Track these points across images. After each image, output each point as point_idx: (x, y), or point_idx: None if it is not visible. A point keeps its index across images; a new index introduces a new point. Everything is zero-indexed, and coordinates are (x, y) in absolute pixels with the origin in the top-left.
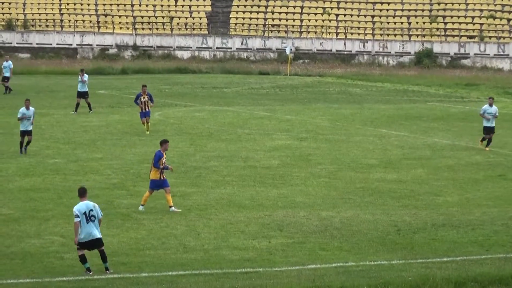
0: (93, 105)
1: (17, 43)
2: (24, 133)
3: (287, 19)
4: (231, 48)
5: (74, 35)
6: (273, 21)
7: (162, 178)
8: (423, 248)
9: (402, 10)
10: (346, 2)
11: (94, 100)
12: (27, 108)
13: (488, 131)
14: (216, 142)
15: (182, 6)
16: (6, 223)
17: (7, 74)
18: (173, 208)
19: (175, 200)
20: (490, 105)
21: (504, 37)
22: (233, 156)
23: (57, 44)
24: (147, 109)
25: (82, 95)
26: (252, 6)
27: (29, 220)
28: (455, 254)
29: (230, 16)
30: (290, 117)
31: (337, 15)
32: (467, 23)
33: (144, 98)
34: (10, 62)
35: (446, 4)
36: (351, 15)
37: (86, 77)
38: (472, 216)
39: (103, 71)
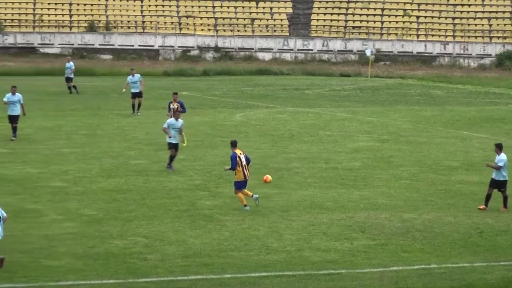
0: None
1: (99, 45)
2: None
3: (367, 21)
4: (312, 50)
5: (156, 37)
6: (353, 23)
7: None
8: (506, 250)
9: (483, 11)
10: (426, 4)
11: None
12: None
13: None
14: (298, 143)
15: (263, 7)
16: (89, 224)
17: (70, 75)
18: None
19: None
20: None
21: None
22: (315, 157)
23: (139, 45)
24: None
25: (138, 95)
26: (333, 8)
27: (112, 221)
28: None
29: (311, 17)
30: (371, 119)
31: (417, 17)
32: None
33: (174, 105)
34: (71, 63)
35: None
36: (432, 17)
37: (137, 77)
38: None
39: (185, 73)
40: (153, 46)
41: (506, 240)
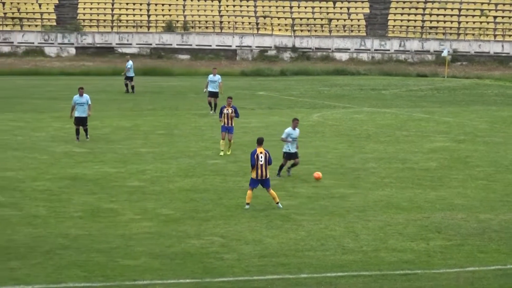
0: (253, 106)
1: (177, 45)
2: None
3: (444, 21)
4: (389, 50)
5: (234, 37)
6: (430, 23)
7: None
8: None
9: None
10: (504, 4)
11: (253, 101)
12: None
13: None
14: (375, 143)
15: (341, 8)
16: (167, 223)
17: (130, 74)
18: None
19: (334, 201)
20: None
21: None
22: (391, 158)
23: (217, 45)
24: (229, 124)
25: (215, 95)
26: (409, 8)
27: (189, 221)
28: None
29: (388, 18)
30: (448, 119)
31: (495, 17)
32: None
33: (227, 110)
34: (131, 62)
35: None
36: (509, 17)
37: (218, 77)
38: None
39: (262, 73)
40: (230, 46)
41: None
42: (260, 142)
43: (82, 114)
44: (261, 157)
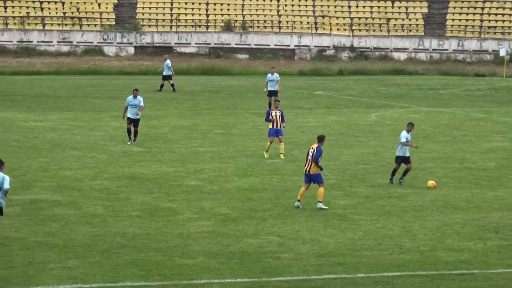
0: (311, 106)
1: (235, 44)
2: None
3: (503, 21)
4: (447, 50)
5: (292, 36)
6: (489, 22)
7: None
8: None
9: None
10: None
11: (311, 100)
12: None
13: None
14: (432, 143)
15: (399, 7)
16: (224, 222)
17: (167, 73)
18: (321, 204)
19: (391, 201)
20: None
21: None
22: (449, 157)
23: (275, 45)
24: (277, 126)
25: (274, 93)
26: (468, 8)
27: (246, 220)
28: None
29: (447, 17)
30: (506, 119)
31: None
32: None
33: (275, 112)
34: (168, 61)
35: None
36: None
37: (276, 76)
38: None
39: (321, 72)
40: (289, 45)
41: None
42: (319, 139)
43: (134, 115)
44: (311, 152)
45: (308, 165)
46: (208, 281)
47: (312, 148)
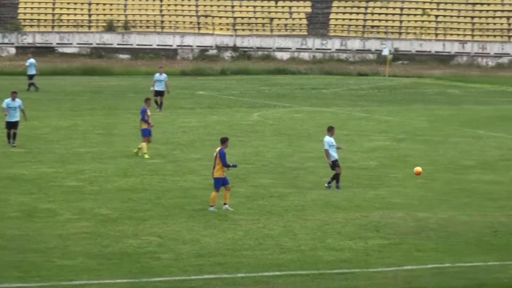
0: (192, 106)
1: (117, 44)
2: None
3: (386, 20)
4: (330, 49)
5: (174, 36)
6: (372, 22)
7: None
8: None
9: (502, 11)
10: (445, 3)
11: (193, 100)
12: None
13: None
14: (314, 143)
15: (282, 7)
16: (104, 223)
17: (31, 72)
18: (227, 206)
19: (272, 200)
20: None
21: None
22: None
23: (157, 45)
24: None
25: (161, 93)
26: (351, 7)
27: (127, 220)
28: None
29: (330, 17)
30: (388, 118)
31: (436, 16)
32: None
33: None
34: (32, 60)
35: None
36: (450, 16)
37: (164, 76)
38: None
39: (203, 72)
40: (171, 45)
41: None
42: (221, 141)
43: (13, 118)
44: (215, 156)
45: (212, 169)
46: (88, 282)
47: (216, 152)
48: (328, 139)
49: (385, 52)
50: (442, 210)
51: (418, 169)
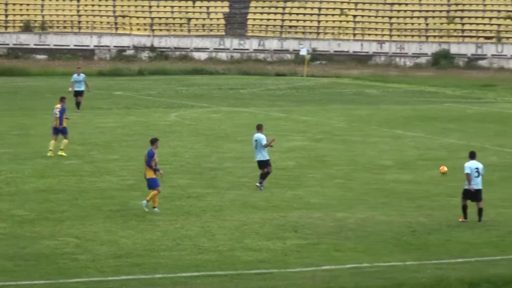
0: (110, 106)
1: (34, 45)
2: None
3: (304, 20)
4: (248, 49)
5: (92, 36)
6: (290, 22)
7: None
8: (437, 249)
9: (420, 11)
10: (363, 3)
11: (110, 101)
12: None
13: None
14: (232, 143)
15: (200, 7)
16: (21, 224)
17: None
18: (146, 202)
19: (190, 201)
20: None
21: None
22: (249, 157)
23: (75, 45)
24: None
25: (80, 93)
26: (269, 7)
27: (44, 222)
28: (469, 255)
29: (248, 17)
30: (306, 118)
31: (354, 16)
32: (484, 24)
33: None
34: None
35: (463, 5)
36: (369, 16)
37: (82, 76)
38: (487, 217)
39: (120, 72)
40: (88, 46)
41: (438, 239)
42: (151, 142)
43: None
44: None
45: (144, 169)
46: (4, 283)
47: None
48: (258, 136)
49: (303, 52)
50: (361, 210)
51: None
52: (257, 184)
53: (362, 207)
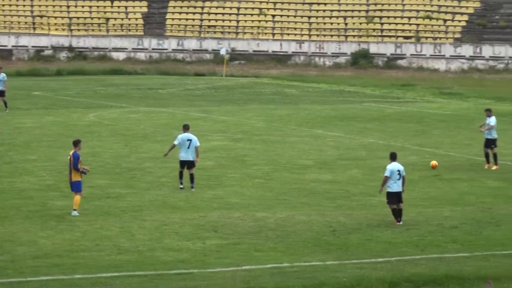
0: (28, 107)
1: None
2: None
3: (223, 20)
4: (167, 49)
5: (9, 36)
6: (209, 22)
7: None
8: (357, 248)
9: (339, 10)
10: (282, 3)
11: (28, 101)
12: None
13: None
14: (151, 143)
15: (118, 7)
16: None
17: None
18: (75, 212)
19: (109, 201)
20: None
21: (440, 38)
22: (168, 157)
23: None
24: None
25: (2, 93)
26: (188, 7)
27: None
28: (390, 255)
29: (166, 17)
30: (225, 118)
31: (273, 15)
32: (403, 24)
33: None
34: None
35: (382, 4)
36: (288, 16)
37: (2, 76)
38: (407, 217)
39: (38, 73)
40: (6, 46)
41: (358, 238)
42: (73, 144)
43: None
44: (68, 160)
45: (69, 173)
46: None
47: (69, 155)
48: (182, 136)
49: (222, 52)
50: (281, 210)
51: (434, 163)
52: (189, 186)
53: (282, 207)
